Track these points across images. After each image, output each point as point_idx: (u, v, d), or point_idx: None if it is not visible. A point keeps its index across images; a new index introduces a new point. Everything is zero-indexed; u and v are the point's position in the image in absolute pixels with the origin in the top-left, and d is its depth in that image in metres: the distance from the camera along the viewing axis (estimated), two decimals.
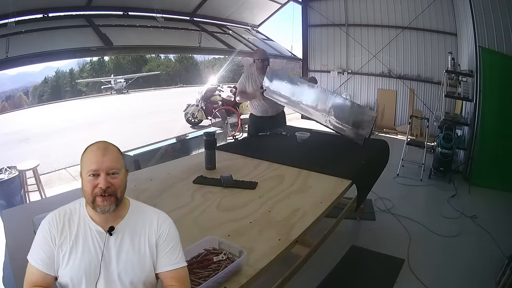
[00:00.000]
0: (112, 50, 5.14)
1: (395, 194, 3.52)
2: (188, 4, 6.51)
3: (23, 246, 1.33)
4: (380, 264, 2.35)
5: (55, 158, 5.63)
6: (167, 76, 26.49)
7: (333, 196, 1.78)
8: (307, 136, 2.79)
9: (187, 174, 2.06)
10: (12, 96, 22.59)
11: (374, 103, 6.99)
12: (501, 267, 2.14)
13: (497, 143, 3.75)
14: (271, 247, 1.30)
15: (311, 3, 7.40)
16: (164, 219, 1.00)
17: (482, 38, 3.82)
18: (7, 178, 3.04)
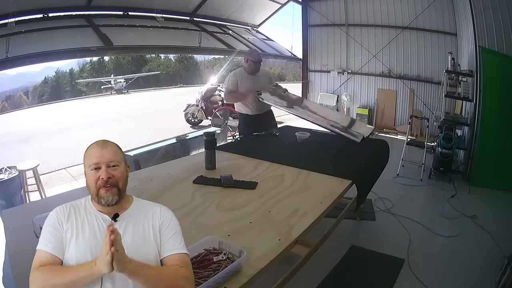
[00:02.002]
0: (112, 50, 5.15)
1: (395, 194, 3.52)
2: (188, 4, 6.51)
3: (23, 246, 1.34)
4: (380, 264, 2.35)
5: (55, 158, 5.63)
6: (167, 76, 26.50)
7: (333, 196, 1.78)
8: (307, 136, 2.79)
9: (187, 174, 2.06)
10: (12, 96, 22.58)
11: (374, 103, 6.99)
12: (501, 267, 2.13)
13: (497, 143, 3.75)
14: (271, 247, 1.30)
15: (311, 3, 7.40)
16: (166, 209, 1.06)
17: (482, 38, 3.82)
18: (7, 178, 3.04)
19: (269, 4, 7.86)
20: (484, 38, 3.81)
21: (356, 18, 6.86)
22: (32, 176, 3.36)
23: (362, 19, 6.78)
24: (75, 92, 22.88)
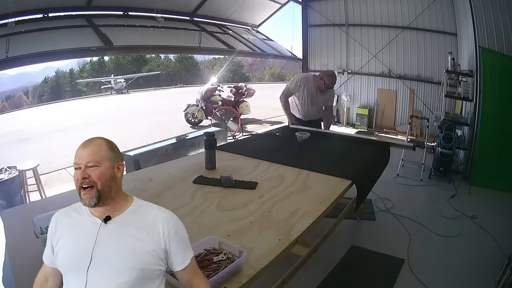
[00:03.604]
0: (112, 50, 5.15)
1: (395, 194, 3.52)
2: (188, 4, 6.51)
3: (23, 246, 1.34)
4: (380, 264, 2.35)
5: (55, 158, 5.63)
6: (167, 76, 26.52)
7: (333, 196, 1.78)
8: (307, 136, 2.79)
9: (187, 174, 2.06)
10: (12, 96, 22.62)
11: (374, 103, 6.99)
12: (501, 267, 2.13)
13: (497, 143, 3.75)
14: (271, 247, 1.29)
15: (311, 3, 7.40)
16: (169, 217, 0.99)
17: (482, 38, 3.82)
18: (7, 178, 3.04)
19: (269, 4, 7.86)
20: (484, 38, 3.81)
21: (356, 18, 6.86)
22: (32, 176, 3.36)
23: (362, 19, 6.78)
24: (75, 92, 22.91)
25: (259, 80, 27.35)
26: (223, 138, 4.89)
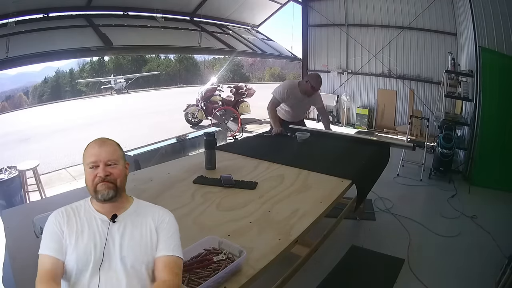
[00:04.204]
0: (112, 50, 5.15)
1: (395, 194, 3.52)
2: (188, 4, 6.51)
3: (23, 246, 1.34)
4: (380, 264, 2.35)
5: (55, 158, 5.63)
6: (167, 76, 26.51)
7: (333, 196, 1.77)
8: (307, 136, 2.79)
9: (187, 174, 2.06)
10: (12, 96, 22.61)
11: (374, 103, 6.99)
12: (501, 267, 2.13)
13: (497, 143, 3.75)
14: (271, 247, 1.29)
15: (311, 3, 7.40)
16: (165, 212, 1.06)
17: (482, 38, 3.82)
18: (7, 178, 3.04)
19: (269, 4, 7.86)
20: (484, 38, 3.81)
21: (356, 18, 6.86)
22: (32, 176, 3.36)
23: (362, 19, 6.78)
24: (75, 92, 22.90)
25: (259, 80, 27.34)
26: (223, 138, 4.89)
